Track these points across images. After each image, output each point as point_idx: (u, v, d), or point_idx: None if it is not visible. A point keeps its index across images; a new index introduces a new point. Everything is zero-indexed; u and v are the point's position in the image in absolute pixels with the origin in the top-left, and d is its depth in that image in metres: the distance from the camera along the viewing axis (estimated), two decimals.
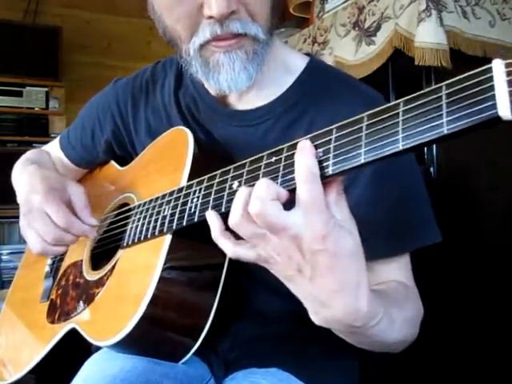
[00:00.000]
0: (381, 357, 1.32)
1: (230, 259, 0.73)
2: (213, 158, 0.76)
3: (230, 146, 0.81)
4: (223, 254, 0.73)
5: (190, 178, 0.71)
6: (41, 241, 0.80)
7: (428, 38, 1.27)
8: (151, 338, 0.70)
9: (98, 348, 0.76)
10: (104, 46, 3.73)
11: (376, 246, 0.70)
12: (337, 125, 0.49)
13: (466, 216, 1.35)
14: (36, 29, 3.38)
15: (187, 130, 0.79)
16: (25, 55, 3.28)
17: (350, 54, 1.57)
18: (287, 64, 0.83)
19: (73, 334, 0.80)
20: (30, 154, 1.04)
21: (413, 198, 0.77)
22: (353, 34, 1.58)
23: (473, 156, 1.37)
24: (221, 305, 0.72)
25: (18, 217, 0.88)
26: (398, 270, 0.75)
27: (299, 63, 0.83)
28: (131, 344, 0.70)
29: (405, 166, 0.76)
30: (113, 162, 1.00)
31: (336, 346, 0.85)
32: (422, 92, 0.43)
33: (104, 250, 0.87)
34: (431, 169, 1.32)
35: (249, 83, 0.73)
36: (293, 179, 0.50)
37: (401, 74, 1.43)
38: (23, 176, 0.90)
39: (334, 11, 1.71)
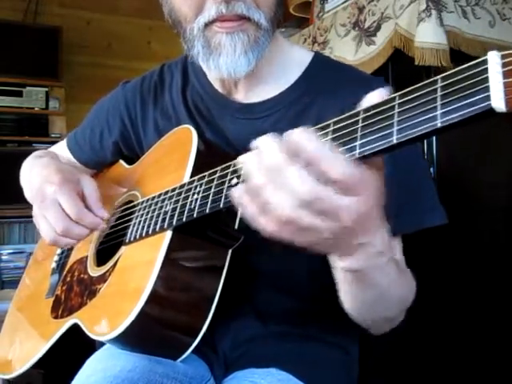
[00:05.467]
0: (380, 355, 1.33)
1: (231, 259, 0.73)
2: (217, 155, 0.75)
3: (238, 140, 0.82)
4: (224, 252, 0.73)
5: (193, 175, 0.71)
6: (52, 231, 0.81)
7: (428, 38, 1.27)
8: (150, 333, 0.71)
9: (102, 343, 0.77)
10: (104, 46, 3.72)
11: None
12: (335, 119, 0.49)
13: (466, 216, 1.35)
14: (36, 29, 3.37)
15: (191, 128, 0.79)
16: (25, 55, 3.27)
17: (350, 53, 1.57)
18: (294, 58, 0.84)
19: (77, 329, 0.80)
20: (38, 152, 1.05)
21: (414, 183, 0.77)
22: (353, 33, 1.58)
23: (473, 156, 1.37)
24: (221, 303, 0.72)
25: (17, 217, 0.89)
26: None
27: (305, 58, 0.84)
28: (129, 339, 0.71)
29: (409, 152, 0.76)
30: (121, 161, 1.01)
31: (335, 345, 0.85)
32: (418, 85, 0.43)
33: (108, 247, 0.87)
34: (431, 169, 1.32)
35: (247, 69, 0.74)
36: None
37: (401, 73, 1.43)
38: (36, 168, 0.91)
39: (334, 11, 1.71)
